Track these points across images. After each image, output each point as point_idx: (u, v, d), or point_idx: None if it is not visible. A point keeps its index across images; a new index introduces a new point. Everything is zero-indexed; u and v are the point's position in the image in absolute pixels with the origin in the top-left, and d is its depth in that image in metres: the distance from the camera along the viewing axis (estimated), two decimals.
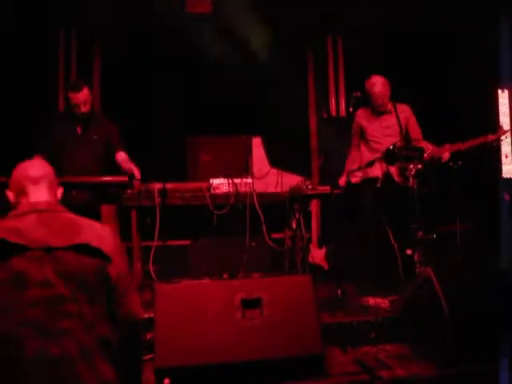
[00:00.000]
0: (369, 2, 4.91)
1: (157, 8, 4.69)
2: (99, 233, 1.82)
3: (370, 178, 3.97)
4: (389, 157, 3.59)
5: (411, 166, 3.47)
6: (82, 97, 3.75)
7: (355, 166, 4.07)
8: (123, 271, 1.84)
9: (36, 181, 1.89)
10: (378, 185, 3.86)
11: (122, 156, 3.91)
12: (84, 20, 4.85)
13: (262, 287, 2.68)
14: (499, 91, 5.64)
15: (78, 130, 3.88)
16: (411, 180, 3.45)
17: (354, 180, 3.99)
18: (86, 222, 1.84)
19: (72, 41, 4.90)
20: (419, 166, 3.49)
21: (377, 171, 3.93)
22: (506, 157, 5.59)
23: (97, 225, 1.87)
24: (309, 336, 2.59)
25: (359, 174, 4.01)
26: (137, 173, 3.74)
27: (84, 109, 3.77)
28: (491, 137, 3.81)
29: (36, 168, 1.94)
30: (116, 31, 4.85)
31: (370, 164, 3.85)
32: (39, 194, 1.88)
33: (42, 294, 1.64)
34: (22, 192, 1.87)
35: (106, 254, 1.77)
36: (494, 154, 5.41)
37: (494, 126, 5.26)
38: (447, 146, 3.91)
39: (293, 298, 2.67)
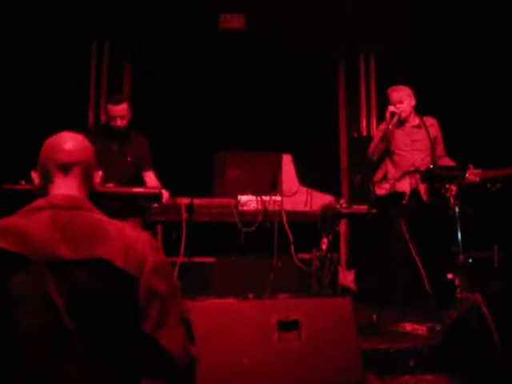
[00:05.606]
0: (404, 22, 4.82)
1: (190, 23, 4.67)
2: (128, 243, 1.35)
3: (396, 193, 3.82)
4: (429, 176, 3.46)
5: (452, 186, 3.34)
6: (121, 111, 3.75)
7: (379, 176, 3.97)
8: (160, 292, 1.35)
9: (67, 168, 1.45)
10: (404, 201, 3.71)
11: (150, 177, 3.87)
12: (118, 33, 4.84)
13: (299, 308, 2.55)
14: None
15: (114, 146, 3.85)
16: (452, 201, 3.31)
17: (379, 192, 3.86)
18: (114, 226, 1.38)
19: (104, 54, 4.90)
20: (459, 187, 3.36)
21: (404, 186, 3.79)
22: None
23: (129, 232, 1.40)
24: (348, 362, 2.45)
25: (386, 186, 3.87)
26: (166, 195, 3.66)
27: (120, 123, 3.75)
28: None
29: (70, 150, 1.46)
30: (148, 46, 4.84)
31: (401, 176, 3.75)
32: (67, 186, 1.44)
33: (38, 324, 1.22)
34: (48, 178, 1.45)
35: (131, 275, 1.31)
36: None
37: None
38: (479, 171, 3.73)
39: (332, 321, 2.53)
